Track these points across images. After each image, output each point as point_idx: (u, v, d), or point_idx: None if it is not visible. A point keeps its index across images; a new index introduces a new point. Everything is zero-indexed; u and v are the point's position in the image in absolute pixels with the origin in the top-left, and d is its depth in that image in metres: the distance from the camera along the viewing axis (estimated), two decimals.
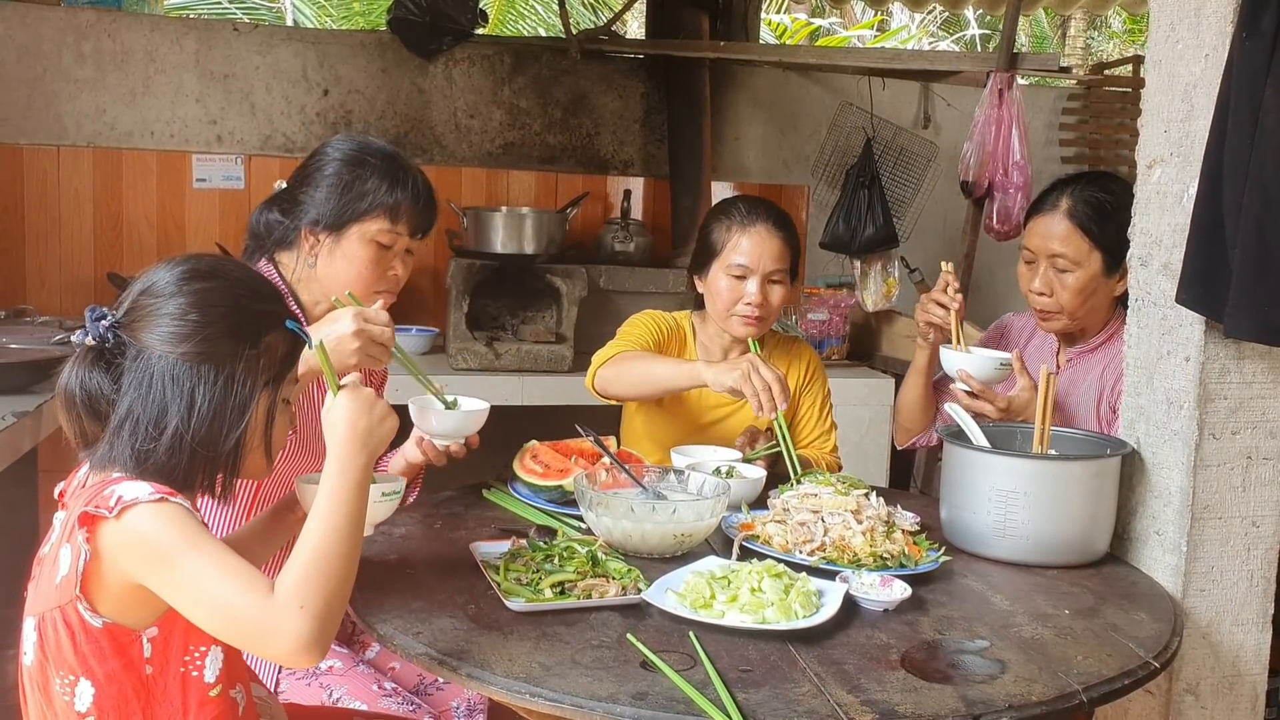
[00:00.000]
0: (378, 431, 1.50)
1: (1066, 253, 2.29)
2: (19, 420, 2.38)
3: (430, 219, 2.13)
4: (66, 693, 1.39)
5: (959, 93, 4.67)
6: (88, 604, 1.37)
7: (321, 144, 2.14)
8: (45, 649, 1.40)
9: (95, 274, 3.90)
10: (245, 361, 1.45)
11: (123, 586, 1.37)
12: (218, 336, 1.43)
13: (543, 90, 4.35)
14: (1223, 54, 1.78)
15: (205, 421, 1.42)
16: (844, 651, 1.53)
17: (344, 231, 2.04)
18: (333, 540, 1.39)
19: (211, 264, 1.51)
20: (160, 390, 1.41)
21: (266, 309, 1.51)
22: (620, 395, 2.41)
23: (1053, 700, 1.42)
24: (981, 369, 2.24)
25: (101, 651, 1.38)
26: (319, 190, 2.05)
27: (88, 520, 1.35)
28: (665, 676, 1.41)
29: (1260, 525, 1.95)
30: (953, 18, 12.65)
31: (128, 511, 1.34)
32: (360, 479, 1.45)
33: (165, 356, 1.41)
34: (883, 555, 1.81)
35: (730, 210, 2.49)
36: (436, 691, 2.06)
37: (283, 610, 1.33)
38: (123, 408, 1.42)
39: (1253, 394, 1.91)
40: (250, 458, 1.49)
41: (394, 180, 2.06)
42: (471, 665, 1.45)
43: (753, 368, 2.13)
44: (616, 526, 1.83)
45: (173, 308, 1.43)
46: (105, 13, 3.93)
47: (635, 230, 4.22)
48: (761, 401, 2.11)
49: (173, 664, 1.43)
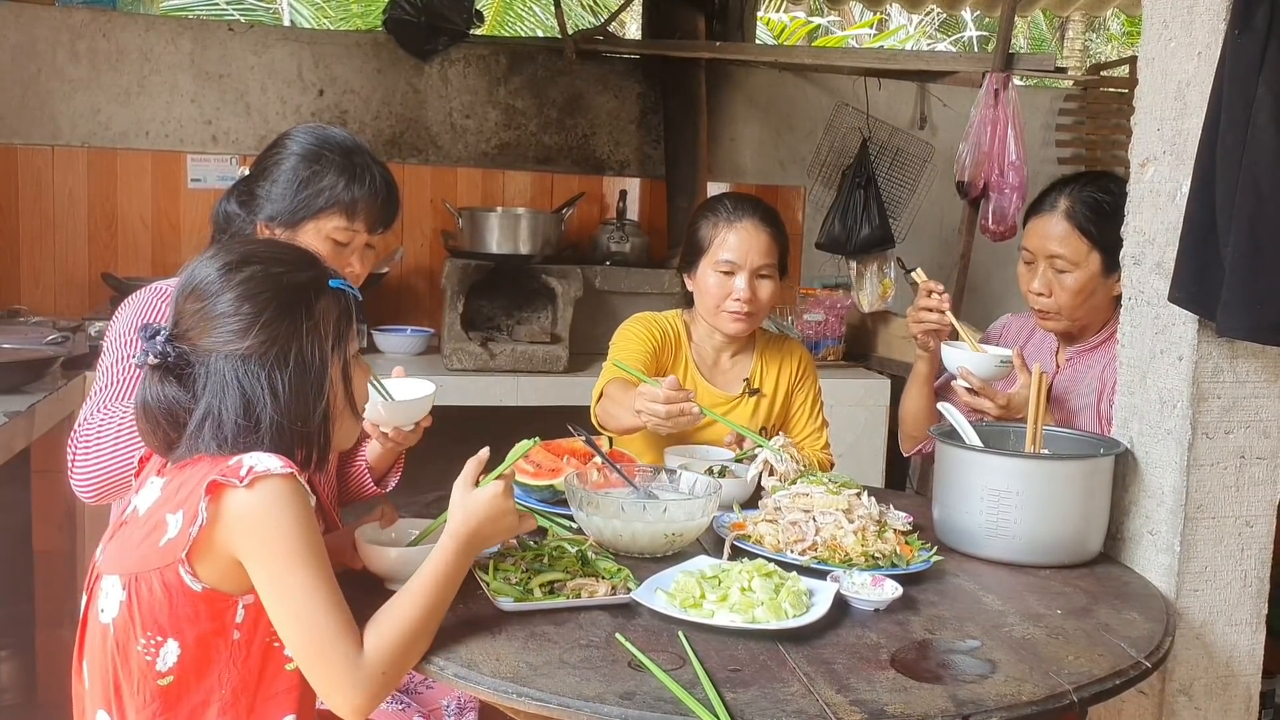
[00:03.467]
0: (492, 539, 1.59)
1: (1065, 253, 2.29)
2: (11, 420, 2.38)
3: (390, 214, 2.07)
4: (150, 652, 1.43)
5: (955, 93, 4.67)
6: (190, 569, 1.40)
7: (282, 135, 2.08)
8: (134, 608, 1.43)
9: (90, 274, 3.89)
10: (308, 334, 1.49)
11: (229, 559, 1.41)
12: (275, 320, 1.46)
13: (538, 91, 4.34)
14: (1215, 52, 1.77)
15: (292, 403, 1.46)
16: (834, 651, 1.52)
17: (299, 227, 1.99)
18: (425, 619, 1.47)
19: (241, 252, 1.53)
20: (237, 387, 1.45)
21: (309, 276, 1.53)
22: (611, 430, 2.39)
23: (1043, 700, 1.42)
24: (982, 366, 2.24)
25: (197, 615, 1.42)
26: (275, 185, 2.00)
27: (215, 488, 1.39)
28: (653, 676, 1.41)
29: (1254, 525, 1.95)
30: (951, 19, 12.66)
31: (260, 482, 1.39)
32: (460, 573, 1.53)
33: (232, 355, 1.45)
34: (874, 555, 1.80)
35: (717, 207, 2.49)
36: (426, 690, 2.05)
37: (366, 670, 1.41)
38: (200, 410, 1.45)
39: (1246, 393, 1.91)
40: (340, 422, 1.55)
41: (351, 176, 2.00)
42: (459, 665, 1.44)
43: (640, 406, 2.12)
44: (607, 526, 1.83)
45: (223, 306, 1.46)
46: (100, 12, 3.92)
47: (631, 231, 4.21)
48: (672, 430, 2.15)
49: (261, 633, 1.46)
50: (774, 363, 2.57)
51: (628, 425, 2.25)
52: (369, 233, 2.04)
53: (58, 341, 2.96)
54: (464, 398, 3.64)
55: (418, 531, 1.75)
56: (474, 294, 3.78)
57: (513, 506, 1.59)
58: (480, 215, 3.78)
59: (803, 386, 2.59)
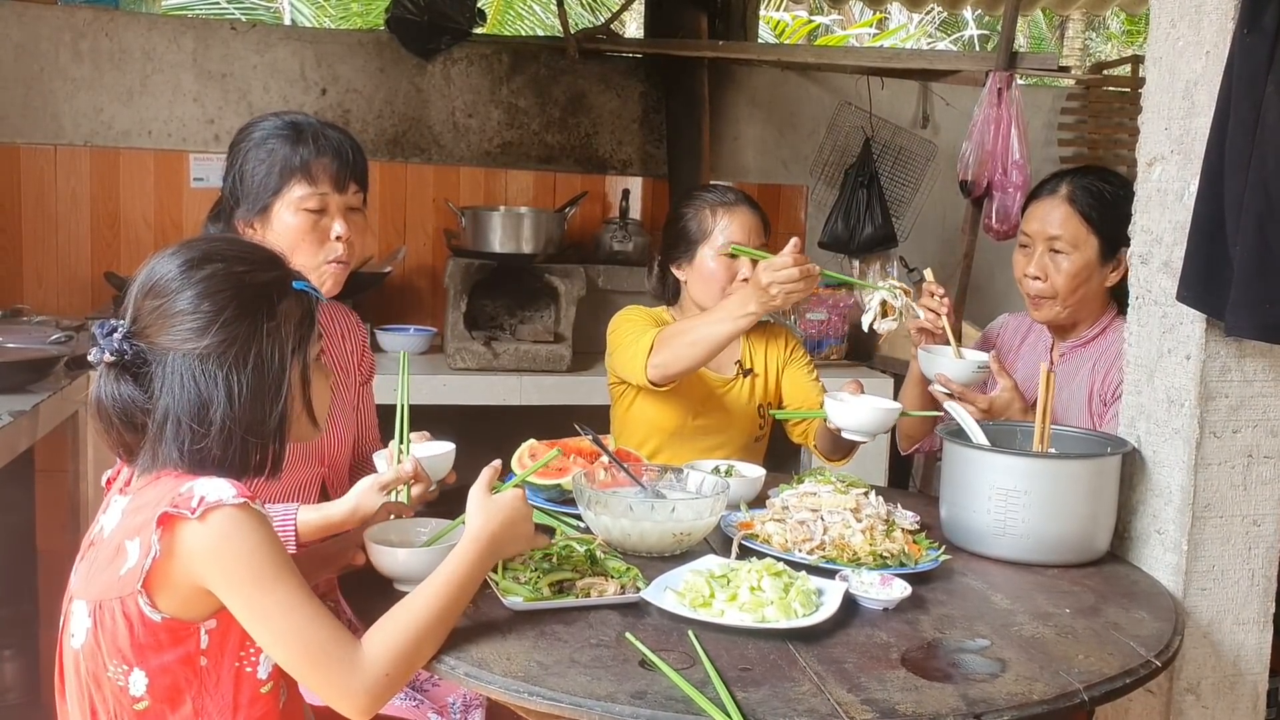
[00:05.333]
0: (509, 546, 1.58)
1: (1064, 235, 2.30)
2: (15, 420, 2.37)
3: (352, 168, 2.02)
4: (120, 678, 1.40)
5: (958, 92, 4.66)
6: (149, 599, 1.37)
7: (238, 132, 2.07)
8: (100, 636, 1.40)
9: (92, 273, 3.89)
10: (268, 336, 1.44)
11: (190, 587, 1.37)
12: (234, 320, 1.42)
13: (541, 90, 4.34)
14: (1223, 51, 1.77)
15: (247, 406, 1.42)
16: (844, 650, 1.52)
17: (269, 210, 1.98)
18: (435, 622, 1.45)
19: (204, 248, 1.48)
20: (194, 388, 1.40)
21: (271, 276, 1.49)
22: (681, 373, 2.39)
23: (1054, 699, 1.42)
24: (960, 371, 2.26)
25: (159, 644, 1.39)
26: (237, 182, 2.00)
27: (167, 520, 1.34)
28: (664, 675, 1.41)
29: (1261, 524, 1.95)
30: (951, 18, 12.65)
31: (212, 513, 1.34)
32: (477, 578, 1.52)
33: (189, 355, 1.40)
34: (882, 554, 1.80)
35: (704, 196, 2.58)
36: (433, 687, 2.05)
37: (368, 671, 1.39)
38: (159, 412, 1.41)
39: (1254, 392, 1.91)
40: (296, 425, 1.51)
41: (296, 141, 1.98)
42: (469, 664, 1.44)
43: (771, 279, 2.22)
44: (615, 525, 1.83)
45: (182, 304, 1.41)
46: (102, 11, 3.92)
47: (634, 230, 4.21)
48: (798, 299, 2.26)
49: (228, 658, 1.43)
50: (761, 344, 2.66)
51: (717, 337, 2.30)
52: (338, 192, 2.01)
53: (61, 341, 2.95)
54: (467, 397, 3.65)
55: (425, 531, 1.75)
56: (477, 293, 3.78)
57: (530, 513, 1.59)
58: (483, 214, 3.77)
59: (794, 362, 2.67)
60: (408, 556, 1.64)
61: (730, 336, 2.32)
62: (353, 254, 2.06)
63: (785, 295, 2.23)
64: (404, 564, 1.63)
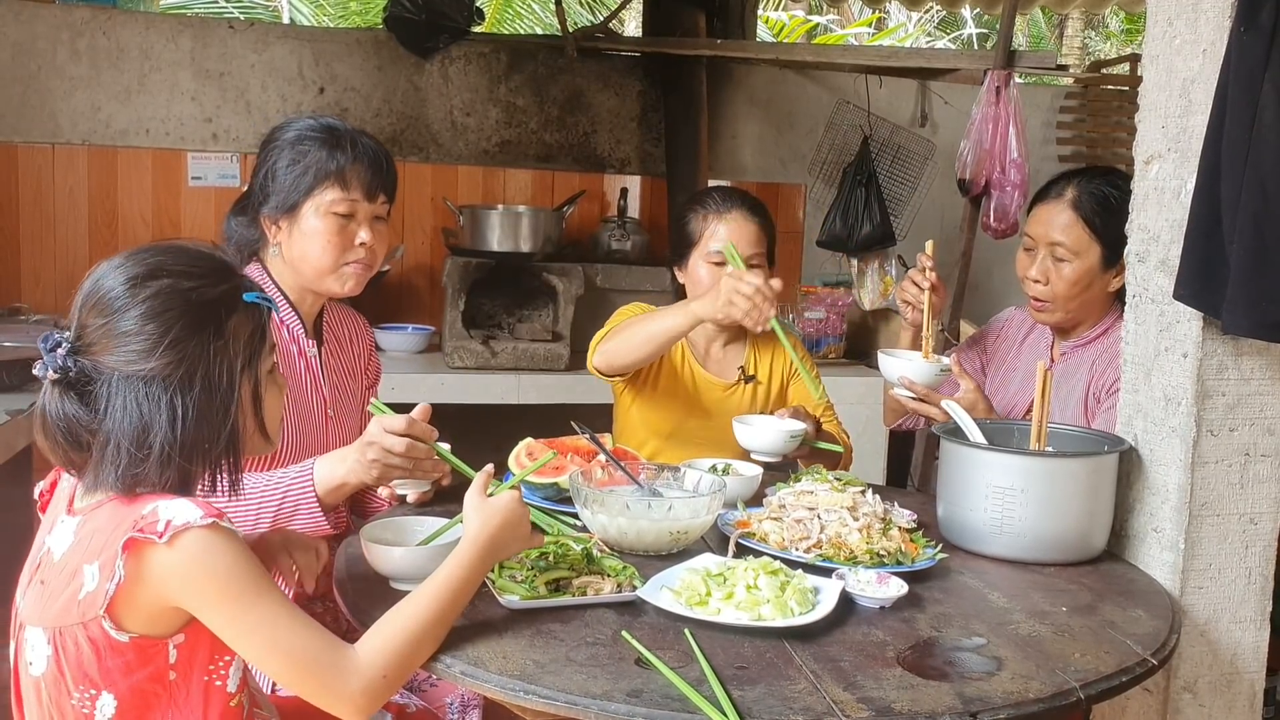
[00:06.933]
0: (508, 548, 1.58)
1: (1066, 241, 2.30)
2: (13, 418, 2.37)
3: (384, 179, 2.06)
4: (86, 705, 1.37)
5: (956, 91, 4.67)
6: (113, 622, 1.34)
7: (273, 129, 2.09)
8: (63, 663, 1.37)
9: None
10: (216, 354, 1.39)
11: (160, 608, 1.35)
12: (181, 340, 1.37)
13: (539, 88, 4.34)
14: (1221, 49, 1.77)
15: (191, 428, 1.38)
16: (840, 649, 1.52)
17: (298, 209, 2.01)
18: (432, 624, 1.45)
19: (151, 262, 1.42)
20: (137, 410, 1.35)
21: (220, 291, 1.43)
22: (625, 364, 2.40)
23: (1050, 698, 1.42)
24: (922, 374, 2.28)
25: (128, 665, 1.36)
26: (271, 178, 2.02)
27: (133, 546, 1.31)
28: (660, 674, 1.40)
29: (1258, 522, 1.94)
30: (950, 17, 12.65)
31: (180, 537, 1.32)
32: (475, 580, 1.51)
33: (134, 377, 1.36)
34: (879, 552, 1.80)
35: (704, 200, 2.54)
36: (430, 688, 2.05)
37: (364, 673, 1.38)
38: (103, 434, 1.36)
39: (1251, 390, 1.90)
40: (248, 442, 1.48)
41: (334, 146, 2.01)
42: (465, 663, 1.44)
43: (733, 289, 2.18)
44: (612, 524, 1.83)
45: (127, 324, 1.36)
46: (100, 10, 3.92)
47: (632, 229, 4.21)
48: (753, 318, 2.18)
49: (197, 672, 1.41)
50: (767, 351, 2.62)
51: (657, 333, 2.29)
52: (368, 201, 2.04)
53: None
54: (465, 396, 3.65)
55: (420, 530, 1.75)
56: (475, 292, 3.78)
57: (527, 515, 1.59)
58: (481, 213, 3.78)
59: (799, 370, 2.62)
60: (403, 555, 1.64)
61: (671, 333, 2.31)
62: (375, 260, 2.09)
63: (743, 310, 2.19)
64: (400, 562, 1.63)
